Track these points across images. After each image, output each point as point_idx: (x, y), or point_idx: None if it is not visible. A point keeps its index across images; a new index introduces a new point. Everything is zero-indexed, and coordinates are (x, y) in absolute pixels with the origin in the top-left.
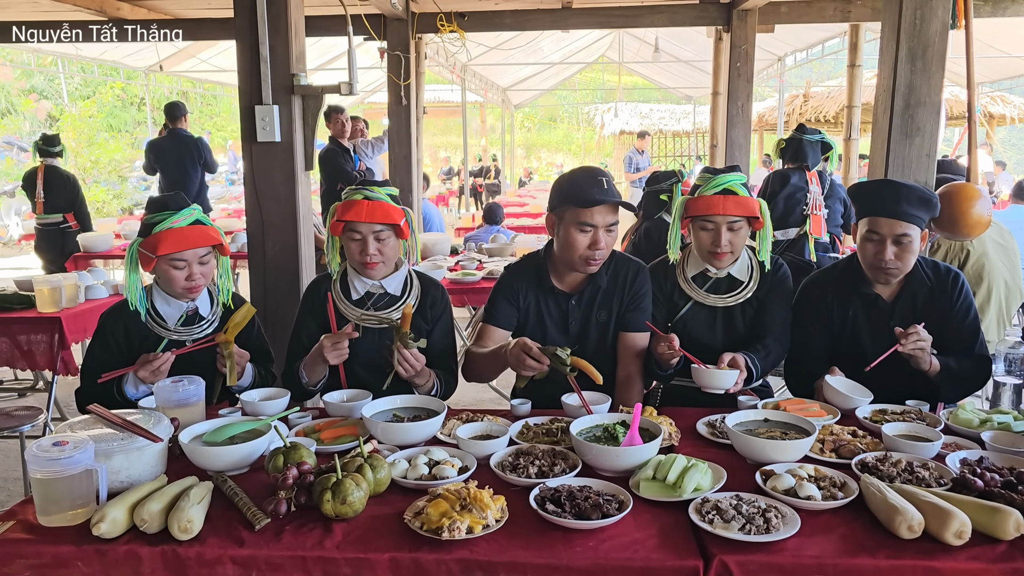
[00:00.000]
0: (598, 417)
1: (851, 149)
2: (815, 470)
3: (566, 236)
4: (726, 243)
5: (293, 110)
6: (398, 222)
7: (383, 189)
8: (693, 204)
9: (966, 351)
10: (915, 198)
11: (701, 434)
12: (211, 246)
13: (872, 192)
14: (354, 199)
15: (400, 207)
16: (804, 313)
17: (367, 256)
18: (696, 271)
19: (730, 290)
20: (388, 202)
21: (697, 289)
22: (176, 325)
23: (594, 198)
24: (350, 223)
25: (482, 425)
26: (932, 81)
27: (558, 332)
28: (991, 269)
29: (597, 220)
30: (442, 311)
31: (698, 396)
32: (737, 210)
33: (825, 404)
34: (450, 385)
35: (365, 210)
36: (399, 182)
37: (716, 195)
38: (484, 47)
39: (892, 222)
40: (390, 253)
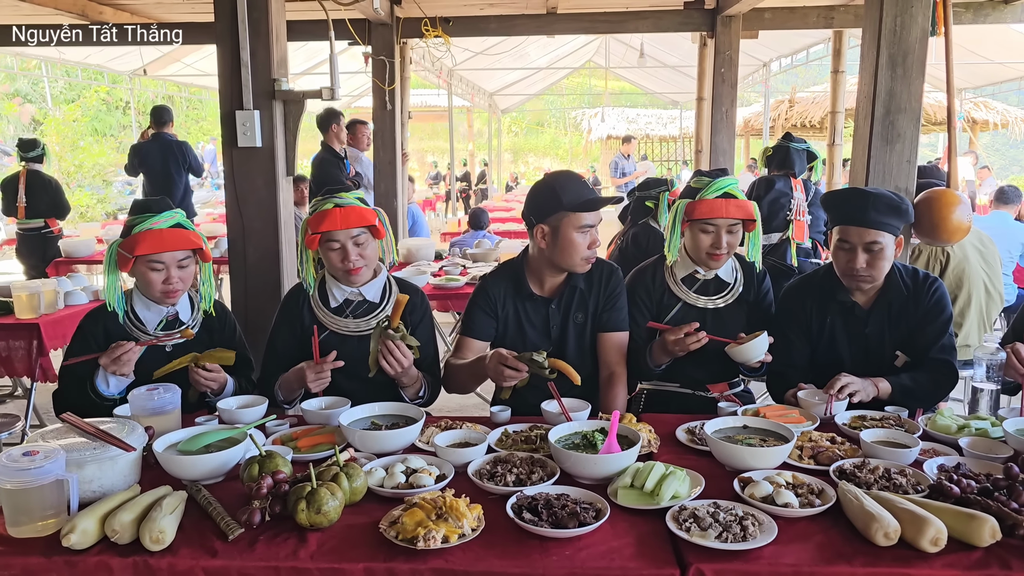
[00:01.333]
0: (577, 424)
1: (835, 154)
2: (793, 477)
3: (566, 241)
4: (726, 245)
5: (274, 115)
6: (373, 222)
7: (352, 194)
8: (695, 207)
9: (926, 356)
10: (884, 205)
11: (681, 441)
12: (191, 251)
13: (842, 201)
14: (325, 209)
15: (371, 207)
16: (784, 320)
17: (349, 263)
18: (685, 273)
19: (717, 291)
20: (359, 205)
21: (687, 291)
22: (155, 330)
23: (592, 200)
24: (327, 233)
25: (460, 433)
26: (912, 88)
27: (539, 338)
28: (971, 274)
29: (593, 220)
30: (422, 316)
31: (682, 401)
32: (738, 213)
33: (804, 411)
34: (434, 390)
35: (339, 217)
36: (384, 187)
37: (718, 198)
38: (470, 52)
39: (862, 230)
40: (371, 255)
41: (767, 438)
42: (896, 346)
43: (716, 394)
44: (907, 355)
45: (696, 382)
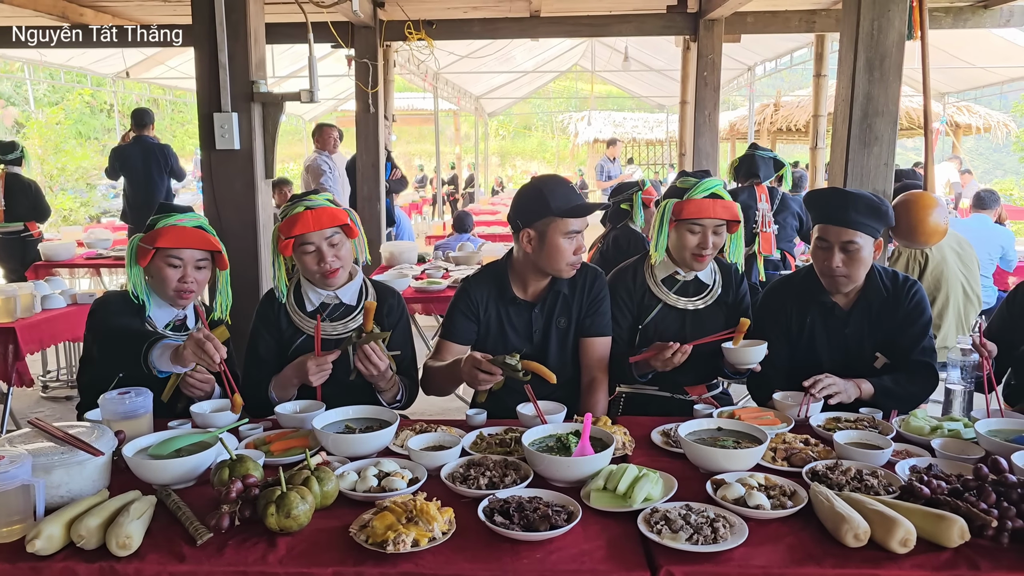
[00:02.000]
0: (552, 427)
1: (817, 158)
2: (766, 479)
3: (553, 246)
4: (711, 246)
5: (253, 117)
6: (346, 221)
7: (322, 195)
8: (683, 207)
9: (908, 359)
10: (863, 206)
11: (656, 443)
12: (209, 253)
13: (822, 200)
14: (296, 212)
15: (341, 208)
16: (765, 321)
17: (326, 265)
18: (665, 274)
19: (697, 293)
20: (329, 206)
21: (667, 292)
22: (165, 330)
23: (580, 207)
24: (300, 237)
25: (435, 436)
26: (889, 91)
27: (521, 342)
28: (949, 276)
29: (580, 226)
30: (399, 318)
31: (661, 404)
32: (724, 213)
33: (779, 413)
34: (412, 393)
35: (311, 220)
36: (367, 190)
37: (706, 199)
38: (456, 55)
39: (839, 229)
40: (346, 255)
41: (741, 440)
42: (876, 348)
43: (695, 397)
44: (887, 357)
45: (675, 385)
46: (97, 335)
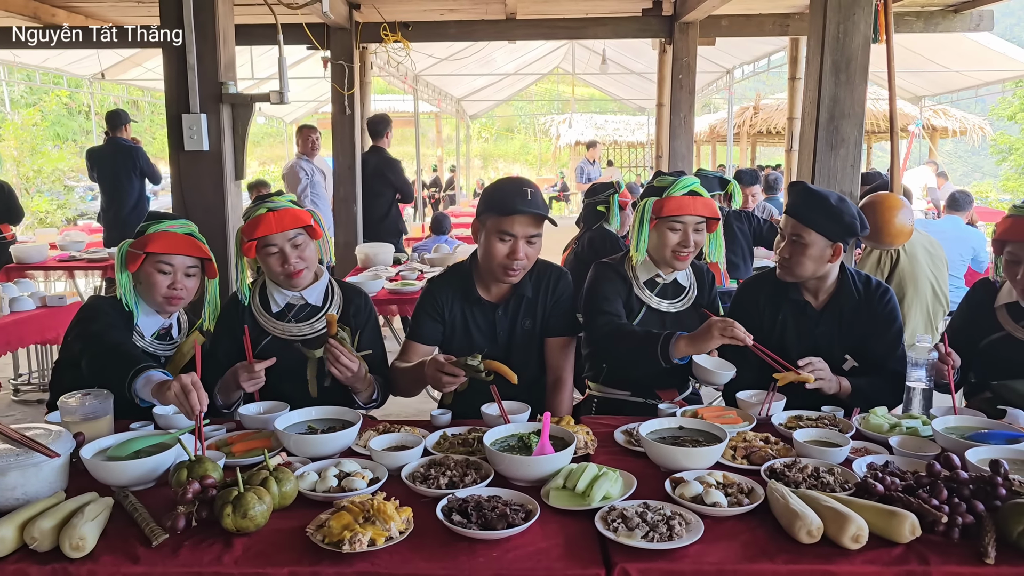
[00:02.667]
0: (514, 426)
1: (793, 160)
2: (724, 477)
3: (487, 243)
4: (693, 244)
5: (222, 119)
6: (309, 223)
7: (284, 197)
8: (663, 204)
9: (882, 366)
10: (817, 204)
11: (619, 443)
12: (199, 261)
13: (790, 190)
14: (259, 214)
15: (304, 209)
16: (738, 315)
17: (290, 266)
18: (647, 276)
19: (676, 296)
20: (292, 207)
21: (651, 295)
22: (151, 338)
23: (515, 207)
24: (263, 239)
25: (397, 436)
26: (855, 93)
27: (486, 342)
28: (919, 275)
29: (517, 230)
30: (367, 319)
31: (633, 409)
32: (705, 210)
33: (742, 411)
34: (385, 392)
35: (274, 221)
36: (343, 192)
37: (686, 196)
38: (435, 58)
39: (791, 221)
40: (311, 256)
41: (702, 439)
42: (845, 350)
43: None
44: (856, 360)
45: (648, 390)
46: (86, 344)
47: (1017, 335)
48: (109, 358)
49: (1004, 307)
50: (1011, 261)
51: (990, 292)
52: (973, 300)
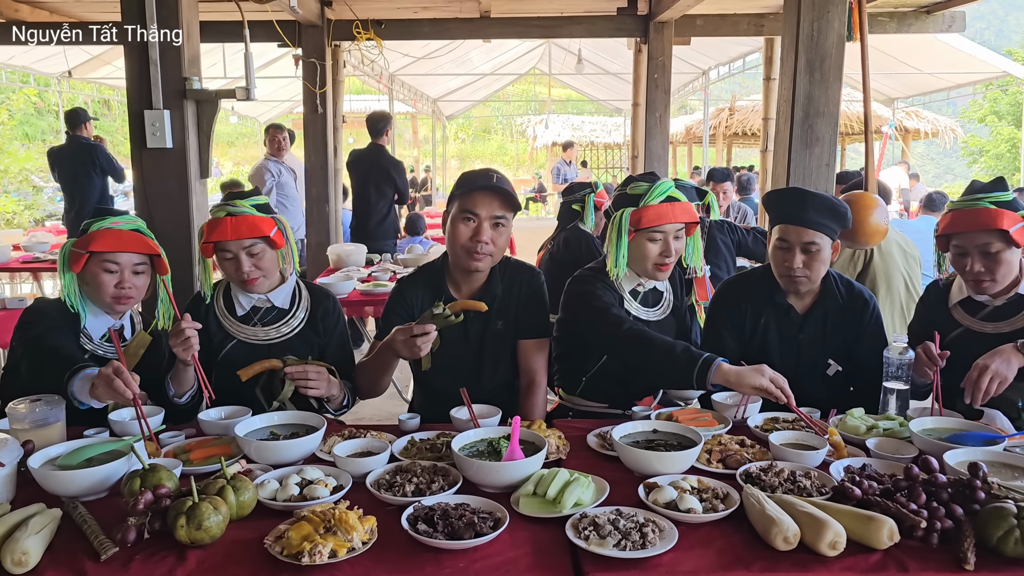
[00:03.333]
0: (484, 431)
1: (768, 161)
2: (699, 481)
3: (451, 228)
4: (674, 253)
5: (186, 115)
6: (267, 233)
7: (247, 201)
8: (641, 215)
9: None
10: (822, 206)
11: (591, 447)
12: (147, 257)
13: (781, 200)
14: (218, 217)
15: (268, 216)
16: (719, 315)
17: (243, 274)
18: (631, 286)
19: (655, 303)
20: (253, 214)
21: (639, 306)
22: (100, 340)
23: (477, 185)
24: (219, 243)
25: (363, 442)
26: (830, 92)
27: (458, 343)
28: (892, 272)
29: (480, 210)
30: (335, 322)
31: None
32: (684, 216)
33: (717, 414)
34: (353, 396)
35: (230, 227)
36: (315, 192)
37: (664, 203)
38: (411, 57)
39: (800, 230)
40: (268, 266)
41: (677, 442)
42: (828, 355)
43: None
44: (840, 366)
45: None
46: (26, 348)
47: (975, 328)
48: (47, 361)
49: (958, 305)
50: (958, 254)
51: (942, 293)
52: (927, 303)
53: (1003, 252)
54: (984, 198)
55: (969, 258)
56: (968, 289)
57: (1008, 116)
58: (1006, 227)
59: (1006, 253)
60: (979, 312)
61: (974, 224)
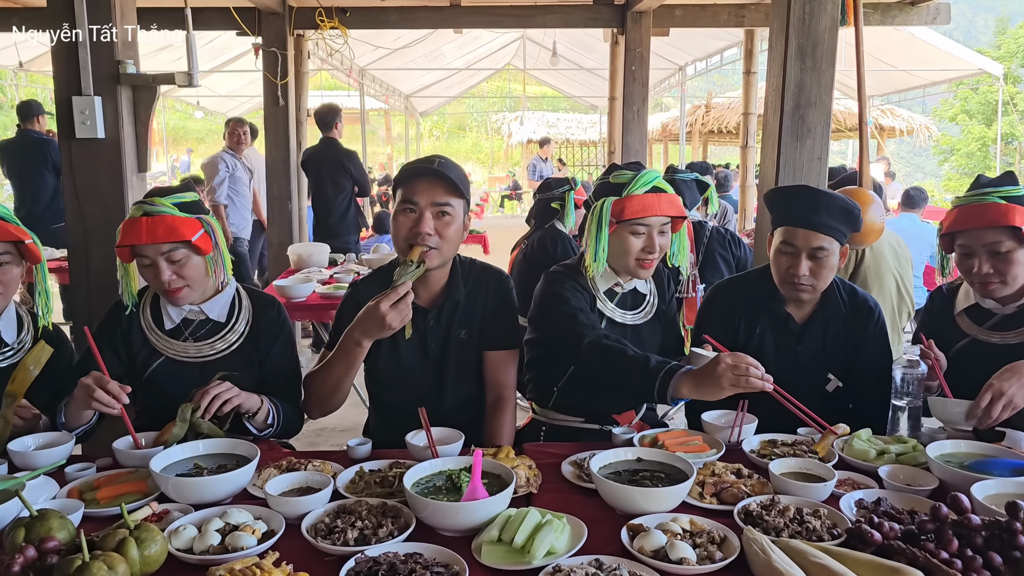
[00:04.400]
0: (443, 462)
1: (747, 157)
2: (691, 523)
3: (394, 222)
4: (658, 248)
5: (120, 102)
6: (188, 237)
7: (170, 198)
8: (624, 206)
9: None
10: (836, 208)
11: (566, 477)
12: (12, 245)
13: (790, 199)
14: (133, 217)
15: (193, 217)
16: (709, 323)
17: (163, 283)
18: (607, 285)
19: (636, 306)
20: (174, 215)
21: (613, 307)
22: None
23: (416, 172)
24: (135, 248)
25: (301, 476)
26: (822, 80)
27: (416, 355)
28: (884, 273)
29: (420, 198)
30: (278, 334)
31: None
32: (670, 209)
33: (708, 436)
34: (292, 419)
35: (145, 229)
36: (276, 188)
37: (649, 194)
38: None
39: (809, 234)
40: (193, 275)
41: (664, 473)
42: (829, 368)
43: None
44: (840, 381)
45: (604, 416)
46: None
47: (982, 338)
48: None
49: (964, 312)
50: (965, 254)
51: (947, 300)
52: (933, 311)
53: (1014, 252)
54: (992, 192)
55: (976, 259)
56: (975, 293)
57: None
58: (1018, 223)
59: (1018, 253)
60: (986, 321)
61: (982, 220)
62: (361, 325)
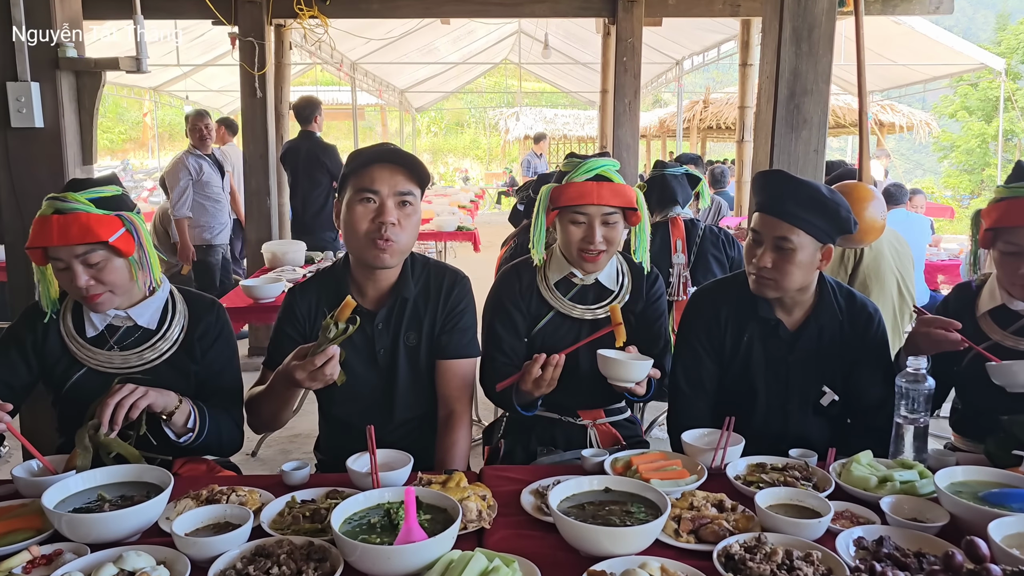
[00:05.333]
0: (382, 494)
1: (744, 152)
2: (662, 569)
3: (347, 216)
4: (600, 240)
5: (61, 89)
6: (105, 238)
7: (85, 193)
8: (562, 192)
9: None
10: (805, 197)
11: (525, 508)
12: None
13: (764, 183)
14: (44, 215)
15: (112, 214)
16: (693, 329)
17: (80, 289)
18: (559, 276)
19: (598, 300)
20: (89, 212)
21: (560, 298)
22: None
23: (373, 157)
24: (47, 250)
25: (219, 510)
26: (819, 66)
27: (364, 363)
28: (885, 272)
29: (381, 186)
30: (215, 338)
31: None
32: (613, 199)
33: (689, 459)
34: (228, 432)
35: (56, 229)
36: (255, 184)
37: (588, 181)
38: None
39: (773, 221)
40: (115, 279)
41: (635, 508)
42: (823, 380)
43: (587, 422)
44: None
45: (562, 407)
46: None
47: (1005, 343)
48: None
49: (987, 314)
50: (1011, 252)
51: (970, 299)
52: (951, 310)
53: None
54: None
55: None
56: (1017, 294)
57: (978, 111)
58: None
59: None
60: (1011, 324)
61: None
62: (294, 377)
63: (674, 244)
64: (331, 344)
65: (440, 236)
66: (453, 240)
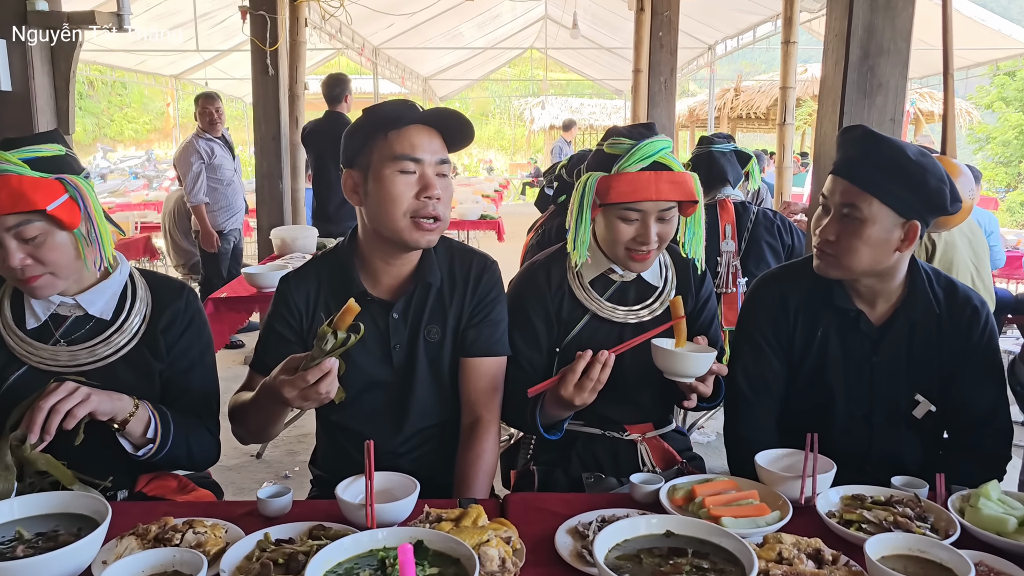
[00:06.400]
0: (376, 537)
1: (785, 135)
2: None
3: (382, 187)
4: (655, 238)
5: (29, 47)
6: (43, 206)
7: (18, 153)
8: (611, 185)
9: (985, 421)
10: (884, 158)
11: (560, 553)
12: None
13: (840, 140)
14: None
15: (52, 177)
16: (756, 323)
17: (14, 271)
18: (596, 273)
19: (641, 299)
20: (22, 174)
21: (597, 299)
22: None
23: (408, 115)
24: None
25: (166, 555)
26: (898, 22)
27: (376, 362)
28: (959, 266)
29: (423, 152)
30: (184, 330)
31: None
32: (673, 193)
33: (766, 488)
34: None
35: None
36: (266, 167)
37: (645, 171)
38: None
39: (842, 184)
40: (56, 257)
41: (705, 558)
42: (916, 388)
43: (636, 436)
44: (935, 403)
45: (605, 420)
46: None
47: None
48: None
49: None
50: None
51: None
52: None
53: None
54: None
55: None
56: None
57: (1016, 102)
58: None
59: None
60: None
61: None
62: (283, 394)
63: (723, 230)
64: (328, 356)
65: (463, 225)
66: (476, 229)
